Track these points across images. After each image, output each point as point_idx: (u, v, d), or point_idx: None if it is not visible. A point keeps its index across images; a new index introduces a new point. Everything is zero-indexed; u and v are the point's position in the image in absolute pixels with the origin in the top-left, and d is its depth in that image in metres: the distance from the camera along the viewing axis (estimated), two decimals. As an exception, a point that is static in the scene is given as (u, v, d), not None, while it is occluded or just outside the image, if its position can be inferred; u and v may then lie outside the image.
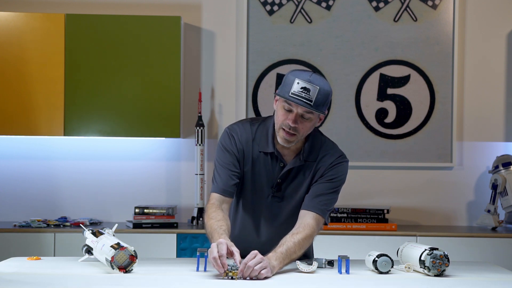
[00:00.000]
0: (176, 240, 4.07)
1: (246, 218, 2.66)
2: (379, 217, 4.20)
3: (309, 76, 2.47)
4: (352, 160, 4.39)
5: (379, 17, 4.47)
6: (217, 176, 2.59)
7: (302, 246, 2.48)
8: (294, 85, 2.45)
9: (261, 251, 2.35)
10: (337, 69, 4.47)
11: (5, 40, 4.24)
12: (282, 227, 2.60)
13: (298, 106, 2.45)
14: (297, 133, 2.50)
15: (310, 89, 2.44)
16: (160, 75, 4.27)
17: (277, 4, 4.47)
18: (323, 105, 2.49)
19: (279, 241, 2.47)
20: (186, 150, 4.47)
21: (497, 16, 4.48)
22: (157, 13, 4.44)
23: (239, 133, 2.62)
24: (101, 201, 4.48)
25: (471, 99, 4.47)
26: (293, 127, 2.48)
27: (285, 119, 2.49)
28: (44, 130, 4.25)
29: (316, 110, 2.46)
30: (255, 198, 2.62)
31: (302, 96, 2.44)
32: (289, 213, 2.62)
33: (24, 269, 2.38)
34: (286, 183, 2.61)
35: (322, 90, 2.46)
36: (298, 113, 2.47)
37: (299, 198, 2.61)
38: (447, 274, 2.34)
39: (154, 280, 2.21)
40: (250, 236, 2.65)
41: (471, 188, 4.48)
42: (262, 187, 2.61)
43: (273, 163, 2.60)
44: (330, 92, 2.49)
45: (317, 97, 2.44)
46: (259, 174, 2.61)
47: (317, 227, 2.56)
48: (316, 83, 2.45)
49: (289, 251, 2.43)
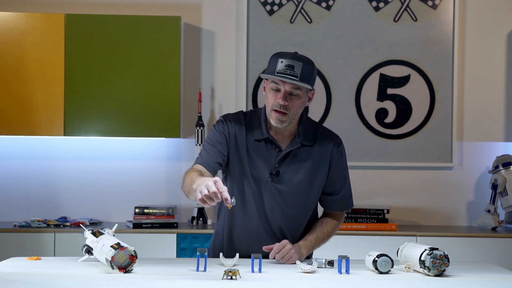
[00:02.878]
0: (176, 240, 4.07)
1: (250, 204, 2.66)
2: (379, 217, 4.20)
3: (292, 54, 2.58)
4: (352, 160, 4.43)
5: (379, 17, 4.47)
6: (203, 152, 2.65)
7: (329, 235, 2.74)
8: (278, 64, 2.55)
9: (267, 234, 2.63)
10: (337, 69, 4.47)
11: (5, 40, 4.24)
12: (284, 209, 2.66)
13: (285, 83, 2.54)
14: (288, 112, 2.57)
15: (294, 65, 2.54)
16: (160, 75, 4.27)
17: (277, 4, 4.47)
18: (309, 80, 2.57)
19: (283, 222, 2.65)
20: (186, 150, 4.47)
21: (497, 16, 4.48)
22: (157, 13, 4.45)
23: (232, 119, 2.69)
24: (101, 201, 4.48)
25: (471, 99, 4.48)
26: (283, 106, 2.55)
27: (275, 100, 2.56)
28: (44, 130, 4.25)
29: (302, 84, 2.54)
30: (256, 184, 2.64)
31: (287, 73, 2.53)
32: (290, 196, 2.66)
33: (24, 269, 2.38)
34: (284, 167, 2.65)
35: (306, 65, 2.56)
36: (286, 90, 2.55)
37: (299, 181, 2.65)
38: (447, 274, 2.33)
39: (154, 280, 2.21)
40: (254, 221, 2.67)
41: (471, 188, 4.48)
42: (261, 174, 2.64)
43: (268, 149, 2.65)
44: (314, 66, 2.60)
45: (302, 72, 2.54)
46: (256, 161, 2.64)
47: (343, 217, 2.83)
48: (299, 60, 2.56)
49: (318, 239, 2.70)
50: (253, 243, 2.66)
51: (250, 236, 2.67)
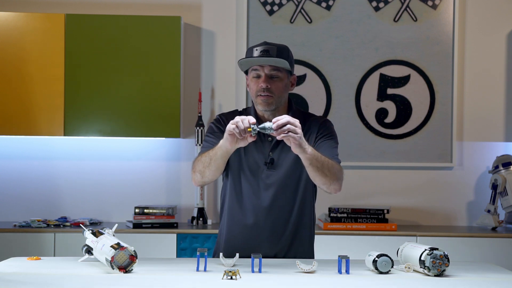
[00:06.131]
0: (176, 240, 4.07)
1: (247, 190, 2.72)
2: (379, 217, 4.20)
3: (265, 42, 2.71)
4: (352, 160, 4.43)
5: (379, 17, 4.47)
6: (206, 144, 2.76)
7: (327, 160, 2.57)
8: (254, 52, 2.68)
9: (265, 217, 2.67)
10: (337, 69, 4.47)
11: (5, 40, 4.24)
12: (280, 190, 2.71)
13: (264, 67, 2.66)
14: (272, 94, 2.67)
15: (268, 50, 2.67)
16: (160, 75, 4.27)
17: (277, 4, 4.47)
18: (286, 60, 2.66)
19: (280, 204, 2.70)
20: (186, 150, 4.47)
21: (497, 16, 4.48)
22: (157, 13, 4.45)
23: (229, 116, 2.77)
24: (101, 201, 4.48)
25: (471, 99, 4.48)
26: (266, 88, 2.66)
27: (258, 85, 2.67)
28: (44, 130, 4.25)
29: (280, 64, 2.65)
30: (252, 172, 2.72)
31: (263, 55, 2.66)
32: (284, 178, 2.72)
33: (24, 269, 2.38)
34: (277, 154, 2.73)
35: (280, 47, 2.69)
36: (266, 74, 2.66)
37: (291, 164, 2.72)
38: (447, 274, 2.33)
39: (154, 280, 2.21)
40: (251, 204, 2.72)
41: (471, 188, 4.48)
42: (256, 163, 2.72)
43: (262, 140, 2.73)
44: (289, 50, 2.72)
45: (277, 54, 2.66)
46: (252, 154, 2.72)
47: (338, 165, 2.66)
48: (273, 45, 2.68)
49: (316, 152, 2.55)
50: (251, 239, 2.69)
51: (248, 231, 2.70)
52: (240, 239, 2.72)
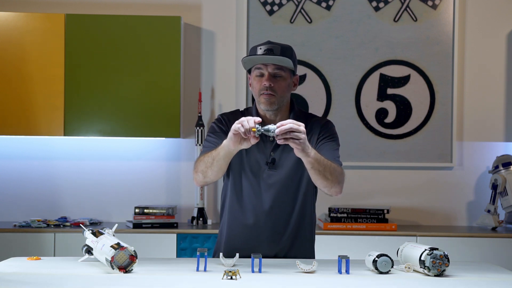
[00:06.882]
0: (176, 240, 4.07)
1: (248, 190, 2.72)
2: (379, 217, 4.20)
3: (269, 42, 2.70)
4: (352, 160, 4.43)
5: (379, 17, 4.47)
6: (207, 143, 2.74)
7: (330, 163, 2.57)
8: (258, 51, 2.67)
9: (265, 217, 2.66)
10: (337, 69, 4.47)
11: (5, 40, 4.24)
12: (281, 190, 2.70)
13: (267, 66, 2.66)
14: (275, 93, 2.67)
15: (272, 49, 2.66)
16: (160, 75, 4.27)
17: (277, 4, 4.47)
18: (289, 59, 2.65)
19: (281, 204, 2.69)
20: (186, 150, 4.47)
21: (497, 16, 4.48)
22: (157, 13, 4.45)
23: (230, 117, 2.77)
24: (101, 201, 4.48)
25: (471, 99, 4.48)
26: (269, 87, 2.66)
27: (261, 84, 2.67)
28: (44, 130, 4.25)
29: (283, 63, 2.64)
30: (253, 172, 2.72)
31: (267, 54, 2.65)
32: (285, 178, 2.71)
33: (24, 269, 2.38)
34: (278, 154, 2.72)
35: (284, 47, 2.68)
36: (269, 72, 2.66)
37: (292, 164, 2.71)
38: (447, 274, 2.33)
39: (154, 280, 2.21)
40: (252, 205, 2.71)
41: (471, 188, 4.48)
42: (258, 162, 2.71)
43: (264, 140, 2.72)
44: (293, 50, 2.71)
45: (281, 53, 2.66)
46: (253, 151, 2.71)
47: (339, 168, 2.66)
48: (277, 44, 2.68)
49: (318, 155, 2.54)
50: (251, 239, 2.69)
51: (248, 231, 2.70)
52: (240, 239, 2.72)
